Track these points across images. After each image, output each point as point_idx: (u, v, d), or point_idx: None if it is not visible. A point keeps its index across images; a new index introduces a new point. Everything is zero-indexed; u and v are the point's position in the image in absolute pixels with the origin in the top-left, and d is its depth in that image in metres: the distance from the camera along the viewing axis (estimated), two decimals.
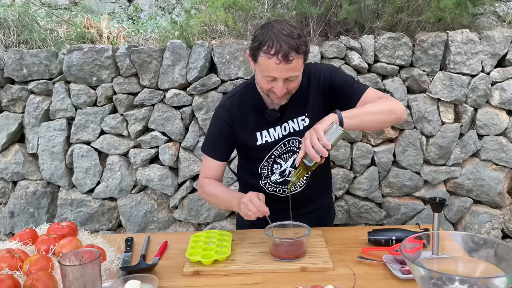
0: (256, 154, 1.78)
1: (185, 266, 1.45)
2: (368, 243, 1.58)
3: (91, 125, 2.87)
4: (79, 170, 2.91)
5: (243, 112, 1.76)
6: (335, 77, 1.73)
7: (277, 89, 1.55)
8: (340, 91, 1.71)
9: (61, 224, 1.57)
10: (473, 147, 2.79)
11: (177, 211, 2.93)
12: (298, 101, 1.72)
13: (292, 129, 1.75)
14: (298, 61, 1.51)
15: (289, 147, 1.77)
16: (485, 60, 2.72)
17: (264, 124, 1.74)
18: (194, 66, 2.76)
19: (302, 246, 1.51)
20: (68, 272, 1.17)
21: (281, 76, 1.52)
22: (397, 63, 2.73)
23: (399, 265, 1.41)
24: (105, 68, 2.81)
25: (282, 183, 1.81)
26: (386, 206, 2.88)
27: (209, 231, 1.68)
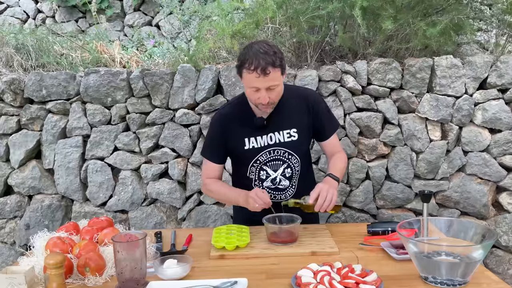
0: (244, 158, 2.09)
1: (211, 252, 1.71)
2: (367, 234, 1.86)
3: (105, 142, 3.14)
4: (93, 185, 3.16)
5: (235, 120, 2.09)
6: (321, 107, 2.14)
7: (261, 98, 1.88)
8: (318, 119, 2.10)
9: (100, 218, 1.83)
10: (459, 162, 3.09)
11: (185, 223, 3.18)
12: (285, 115, 2.06)
13: (277, 140, 2.06)
14: (275, 73, 1.85)
15: (275, 156, 2.08)
16: (468, 83, 3.05)
17: (252, 131, 2.06)
18: (202, 87, 3.06)
19: (294, 232, 1.80)
20: (120, 248, 1.43)
21: (262, 86, 1.86)
22: (388, 86, 3.05)
23: (394, 249, 1.69)
24: (119, 90, 3.09)
25: (274, 189, 2.11)
26: (380, 218, 3.15)
27: (229, 225, 1.95)
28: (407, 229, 1.60)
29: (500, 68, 3.02)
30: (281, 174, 2.09)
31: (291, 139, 2.06)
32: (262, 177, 2.10)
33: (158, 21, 5.21)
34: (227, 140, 2.08)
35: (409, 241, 1.47)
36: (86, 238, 1.68)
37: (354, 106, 3.05)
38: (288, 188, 2.11)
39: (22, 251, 3.17)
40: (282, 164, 2.08)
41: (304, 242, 1.78)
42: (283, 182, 2.10)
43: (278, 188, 2.11)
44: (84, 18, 5.55)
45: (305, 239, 1.81)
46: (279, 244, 1.77)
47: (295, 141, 2.06)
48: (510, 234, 3.09)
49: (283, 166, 2.08)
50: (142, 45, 4.54)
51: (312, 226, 1.95)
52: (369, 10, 2.97)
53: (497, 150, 3.07)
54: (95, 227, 1.75)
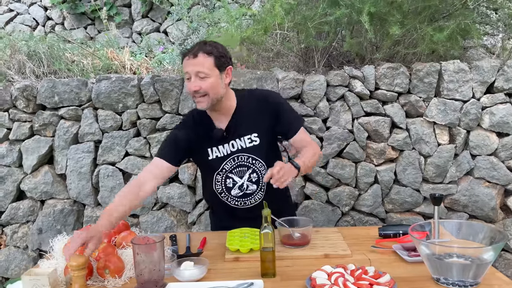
0: (209, 167, 2.12)
1: (226, 254, 1.75)
2: (379, 237, 1.89)
3: (117, 148, 3.19)
4: (104, 189, 3.21)
5: (198, 130, 2.10)
6: (282, 105, 2.15)
7: (190, 84, 1.91)
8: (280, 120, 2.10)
9: None
10: (467, 166, 3.12)
11: (195, 227, 3.22)
12: (244, 120, 2.09)
13: (239, 146, 2.09)
14: (204, 59, 1.89)
15: (240, 162, 2.10)
16: (475, 87, 3.09)
17: (214, 141, 2.08)
18: None
19: (307, 235, 1.84)
20: (139, 251, 1.47)
21: (191, 70, 1.90)
22: (396, 90, 3.09)
23: (406, 252, 1.72)
24: (130, 96, 3.15)
25: (242, 196, 2.14)
26: (389, 221, 3.18)
27: (242, 228, 1.98)
28: (419, 231, 1.64)
29: (507, 72, 3.05)
30: (247, 180, 2.11)
31: (253, 144, 2.08)
32: (229, 186, 2.11)
33: (166, 28, 5.27)
34: (191, 149, 2.09)
35: (421, 243, 1.50)
36: (105, 241, 1.72)
37: (362, 111, 3.09)
38: (256, 192, 2.14)
39: (35, 255, 3.23)
40: (247, 169, 2.10)
41: (317, 245, 1.82)
42: (250, 187, 2.13)
43: (246, 194, 2.13)
44: (93, 25, 5.63)
45: (317, 242, 1.85)
46: (293, 247, 1.81)
47: (257, 146, 2.08)
48: None
49: (248, 171, 2.11)
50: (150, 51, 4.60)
51: (324, 229, 2.00)
52: (376, 16, 3.02)
53: (505, 153, 3.10)
54: (113, 230, 1.79)
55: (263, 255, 1.61)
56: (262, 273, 1.60)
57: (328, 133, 3.08)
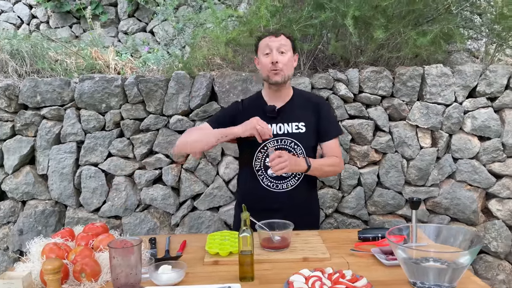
0: (252, 142, 2.16)
1: (205, 257, 1.75)
2: (358, 240, 1.90)
3: (99, 148, 3.16)
4: (86, 190, 3.18)
5: (250, 107, 2.27)
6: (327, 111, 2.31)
7: (272, 56, 2.11)
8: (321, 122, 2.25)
9: (95, 224, 1.86)
10: (449, 169, 3.15)
11: (178, 229, 3.20)
12: (294, 109, 2.22)
13: (286, 130, 2.20)
14: (285, 40, 2.16)
15: (282, 145, 2.19)
16: (457, 92, 3.12)
17: (264, 119, 2.14)
18: (196, 94, 3.09)
19: (287, 238, 1.84)
20: (115, 254, 1.46)
21: (273, 45, 2.13)
22: (379, 94, 3.11)
23: (384, 255, 1.73)
24: (114, 96, 3.12)
25: (277, 178, 2.20)
26: (371, 224, 3.19)
27: (223, 231, 1.98)
28: (396, 235, 1.64)
29: (489, 77, 3.09)
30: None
31: (299, 131, 2.20)
32: (267, 164, 2.17)
33: (152, 28, 5.24)
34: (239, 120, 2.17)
35: (398, 247, 1.51)
36: (82, 244, 1.70)
37: (346, 114, 3.10)
38: (290, 178, 2.20)
39: (16, 256, 3.19)
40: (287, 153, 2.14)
41: (297, 248, 1.82)
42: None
43: (281, 177, 2.19)
44: (78, 24, 5.58)
45: (297, 245, 1.85)
46: (272, 250, 1.81)
47: (302, 133, 2.19)
48: (499, 240, 3.14)
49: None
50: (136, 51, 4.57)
51: (304, 232, 1.99)
52: (360, 19, 3.03)
53: (486, 157, 3.13)
54: (91, 233, 1.77)
55: (241, 259, 1.60)
56: (241, 277, 1.60)
57: None
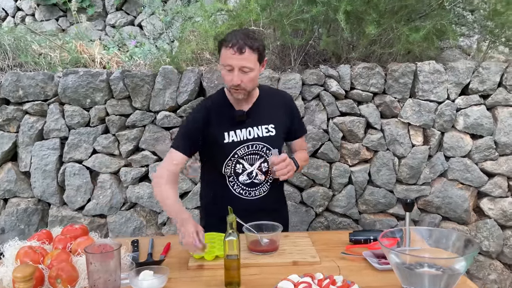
0: (222, 152, 2.05)
1: (190, 261, 1.66)
2: (349, 243, 1.82)
3: (84, 145, 3.06)
4: (70, 188, 3.08)
5: (216, 113, 2.06)
6: (297, 110, 2.27)
7: (233, 78, 1.88)
8: (293, 121, 2.18)
9: (74, 226, 1.76)
10: (441, 167, 3.09)
11: (165, 228, 3.11)
12: (264, 110, 2.10)
13: (256, 134, 2.07)
14: (250, 55, 1.88)
15: (253, 150, 2.07)
16: (450, 89, 3.05)
17: (232, 125, 2.05)
18: (184, 90, 3.00)
19: (275, 241, 1.76)
20: (92, 260, 1.37)
21: (236, 65, 1.87)
22: (371, 90, 3.03)
23: (376, 259, 1.65)
24: (99, 91, 3.02)
25: (250, 185, 2.09)
26: (362, 222, 3.13)
27: (209, 233, 1.89)
28: (389, 238, 1.57)
29: (482, 74, 3.02)
30: (257, 168, 2.08)
31: (269, 134, 2.08)
32: (238, 171, 2.07)
33: (140, 21, 5.12)
34: (207, 133, 2.04)
35: (391, 252, 1.43)
36: (59, 248, 1.61)
37: (337, 111, 3.03)
38: (263, 183, 2.10)
39: None
40: (259, 158, 2.08)
41: (285, 251, 1.74)
42: (259, 177, 2.09)
43: (254, 183, 2.09)
44: (65, 17, 5.44)
45: (286, 248, 1.76)
46: (260, 253, 1.72)
47: (273, 136, 2.09)
48: (491, 239, 3.09)
49: (259, 160, 2.08)
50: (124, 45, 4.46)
51: (293, 234, 1.91)
52: (352, 14, 2.95)
53: (479, 155, 3.07)
54: (69, 236, 1.68)
55: (227, 263, 1.52)
56: (226, 282, 1.51)
57: None
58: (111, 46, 4.09)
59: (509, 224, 3.10)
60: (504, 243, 3.11)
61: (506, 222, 3.09)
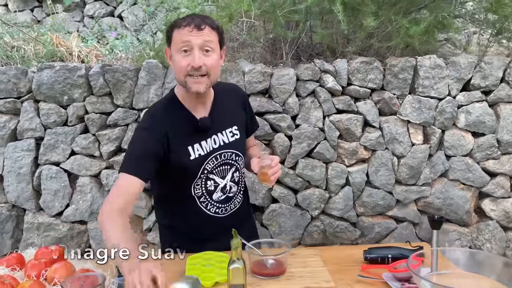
0: (189, 170, 1.69)
1: None
2: (364, 262, 1.60)
3: (61, 146, 2.77)
4: (47, 193, 2.79)
5: (172, 125, 1.66)
6: (247, 99, 2.00)
7: (194, 59, 1.53)
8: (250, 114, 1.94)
9: (50, 248, 1.50)
10: (442, 167, 2.89)
11: (151, 234, 2.85)
12: (224, 111, 1.78)
13: (221, 141, 1.75)
14: (211, 32, 1.57)
15: (223, 161, 1.76)
16: (451, 85, 2.85)
17: (194, 137, 1.70)
18: (170, 86, 2.73)
19: (283, 262, 1.52)
20: None
21: (196, 41, 1.53)
22: (369, 86, 2.81)
23: (399, 283, 1.43)
24: (77, 87, 2.73)
25: (224, 201, 1.79)
26: (360, 226, 2.92)
27: (206, 252, 1.64)
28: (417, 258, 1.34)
29: (484, 69, 2.83)
30: (230, 180, 1.78)
31: (235, 137, 1.78)
32: (210, 189, 1.73)
33: (121, 12, 4.80)
34: (164, 152, 1.63)
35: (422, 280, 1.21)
36: (32, 276, 1.34)
37: (333, 108, 2.80)
38: (236, 194, 1.83)
39: None
40: (230, 168, 1.78)
41: (294, 275, 1.49)
42: (233, 189, 1.80)
43: (228, 197, 1.79)
44: (40, 8, 5.08)
45: (294, 270, 1.52)
46: (265, 277, 1.48)
47: (239, 139, 1.79)
48: (493, 241, 2.92)
49: (231, 170, 1.78)
50: (103, 37, 4.15)
51: (300, 252, 1.66)
52: (349, 6, 2.71)
53: (480, 154, 2.89)
54: (44, 260, 1.41)
55: None
56: None
57: (298, 131, 2.77)
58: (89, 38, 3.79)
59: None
60: (507, 246, 2.94)
61: (509, 223, 2.92)
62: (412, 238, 2.89)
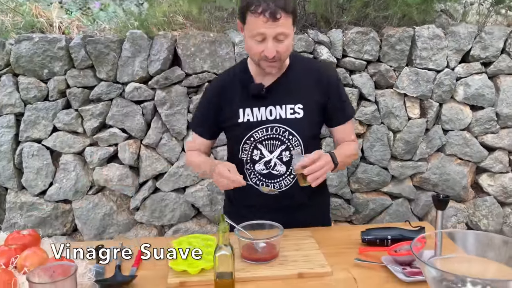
0: (236, 132, 1.66)
1: (169, 277, 1.28)
2: (362, 243, 1.48)
3: (43, 122, 2.61)
4: (29, 171, 2.64)
5: (232, 88, 1.66)
6: (338, 87, 1.69)
7: (267, 50, 1.47)
8: (331, 101, 1.66)
9: (22, 232, 1.36)
10: (439, 142, 2.78)
11: (139, 213, 2.72)
12: (290, 86, 1.62)
13: (278, 115, 1.61)
14: (286, 20, 1.45)
15: (273, 134, 1.62)
16: (450, 56, 2.71)
17: (249, 101, 1.62)
18: (156, 58, 2.56)
19: (276, 245, 1.39)
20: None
21: (270, 34, 1.45)
22: (365, 58, 2.67)
23: (400, 267, 1.31)
24: (57, 60, 2.56)
25: (267, 176, 1.65)
26: (354, 202, 2.81)
27: (191, 235, 1.51)
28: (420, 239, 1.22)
29: (485, 40, 2.69)
30: (277, 157, 1.64)
31: (295, 116, 1.61)
32: (254, 158, 1.65)
33: None
34: (220, 111, 1.67)
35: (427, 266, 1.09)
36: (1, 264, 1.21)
37: None
38: (285, 176, 1.65)
39: None
40: (280, 145, 1.63)
41: (287, 259, 1.36)
42: (278, 167, 1.64)
43: (272, 174, 1.65)
44: None
45: (287, 254, 1.39)
46: (255, 262, 1.35)
47: (299, 119, 1.61)
48: (490, 217, 2.83)
49: (280, 147, 1.63)
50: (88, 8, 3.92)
51: (293, 233, 1.53)
52: None
53: (479, 128, 2.78)
54: (15, 246, 1.28)
55: (218, 284, 1.16)
56: None
57: None
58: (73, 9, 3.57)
59: (509, 201, 2.84)
60: (504, 221, 2.86)
61: (506, 199, 2.83)
62: (408, 215, 2.80)
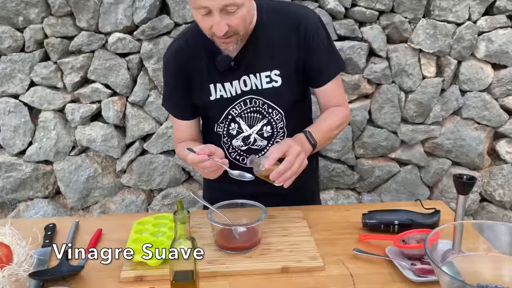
0: (210, 111, 1.40)
1: (123, 269, 1.04)
2: (363, 228, 1.22)
3: (19, 75, 2.35)
4: (6, 129, 2.41)
5: (194, 58, 1.36)
6: (317, 35, 1.33)
7: (216, 25, 1.16)
8: (313, 56, 1.32)
9: None
10: (455, 104, 2.47)
11: (125, 176, 2.49)
12: (263, 49, 1.31)
13: (254, 85, 1.34)
14: None
15: (252, 107, 1.36)
16: (472, 7, 2.36)
17: (219, 74, 1.34)
18: (141, 5, 2.26)
19: (256, 232, 1.13)
20: None
21: (214, 5, 1.12)
22: (376, 8, 2.33)
23: (408, 262, 1.06)
24: (33, 6, 2.26)
25: (247, 151, 1.40)
26: (359, 169, 2.55)
27: (158, 215, 1.26)
28: None
29: None
30: (257, 132, 1.38)
31: (272, 84, 1.33)
32: (231, 132, 1.40)
33: None
34: (189, 85, 1.39)
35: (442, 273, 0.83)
36: None
37: (334, 34, 2.34)
38: (264, 149, 1.40)
39: None
40: (261, 118, 1.37)
41: (271, 248, 1.11)
42: (259, 143, 1.39)
43: (251, 150, 1.40)
44: None
45: (271, 241, 1.13)
46: (232, 251, 1.10)
47: (278, 88, 1.33)
48: (506, 187, 2.56)
49: (261, 121, 1.37)
50: None
51: (281, 213, 1.26)
52: None
53: (500, 90, 2.47)
54: None
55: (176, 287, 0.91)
56: None
57: None
58: None
59: None
60: None
61: None
62: (418, 183, 2.54)
